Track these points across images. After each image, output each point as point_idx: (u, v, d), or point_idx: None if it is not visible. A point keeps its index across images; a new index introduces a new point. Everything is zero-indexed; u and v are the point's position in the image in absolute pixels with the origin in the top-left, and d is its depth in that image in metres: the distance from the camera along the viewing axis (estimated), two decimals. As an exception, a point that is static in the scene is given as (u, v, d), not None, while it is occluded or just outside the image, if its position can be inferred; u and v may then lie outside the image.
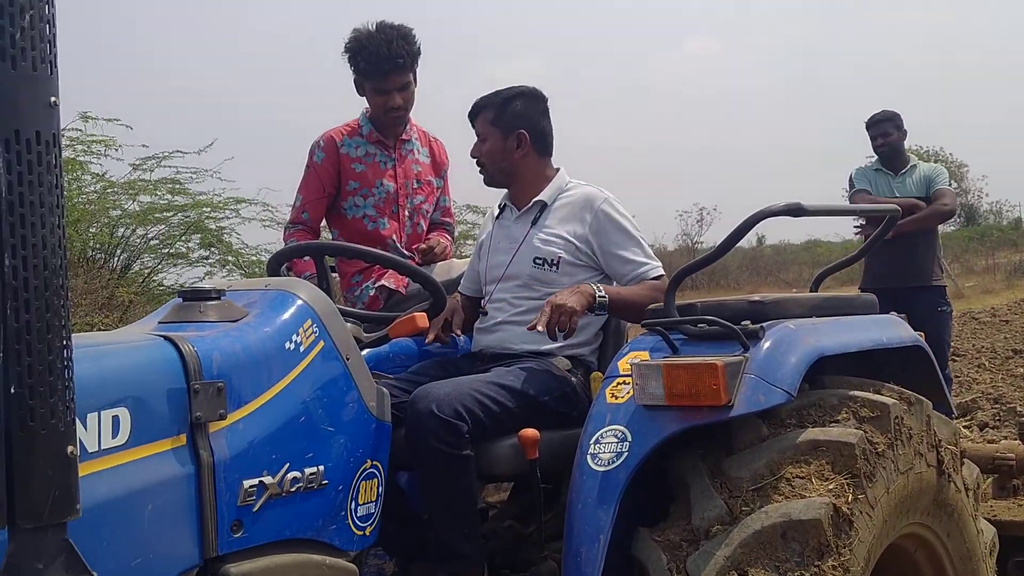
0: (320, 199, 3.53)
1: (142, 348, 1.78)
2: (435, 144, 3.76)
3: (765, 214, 2.23)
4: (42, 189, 1.34)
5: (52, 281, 1.34)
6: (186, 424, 1.74)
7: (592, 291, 2.65)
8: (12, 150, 1.31)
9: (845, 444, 2.12)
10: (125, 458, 1.63)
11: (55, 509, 1.33)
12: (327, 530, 2.01)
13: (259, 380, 1.90)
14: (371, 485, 2.14)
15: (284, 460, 1.90)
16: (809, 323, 2.34)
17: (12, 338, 1.31)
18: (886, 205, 2.77)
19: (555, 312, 2.53)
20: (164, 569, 1.66)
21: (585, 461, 2.21)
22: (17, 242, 1.31)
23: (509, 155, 2.92)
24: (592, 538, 2.11)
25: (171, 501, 1.69)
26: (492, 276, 2.96)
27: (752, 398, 2.11)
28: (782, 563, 1.98)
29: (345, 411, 2.08)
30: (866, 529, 2.10)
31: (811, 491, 2.05)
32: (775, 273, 18.91)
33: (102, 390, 1.62)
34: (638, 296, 2.73)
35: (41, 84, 1.34)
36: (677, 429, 2.15)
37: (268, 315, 2.02)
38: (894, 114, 5.70)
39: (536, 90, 3.00)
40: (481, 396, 2.41)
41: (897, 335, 2.57)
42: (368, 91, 3.49)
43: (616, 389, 2.29)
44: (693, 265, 2.58)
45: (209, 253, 11.64)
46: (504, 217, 3.04)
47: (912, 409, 2.36)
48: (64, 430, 1.34)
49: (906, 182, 5.61)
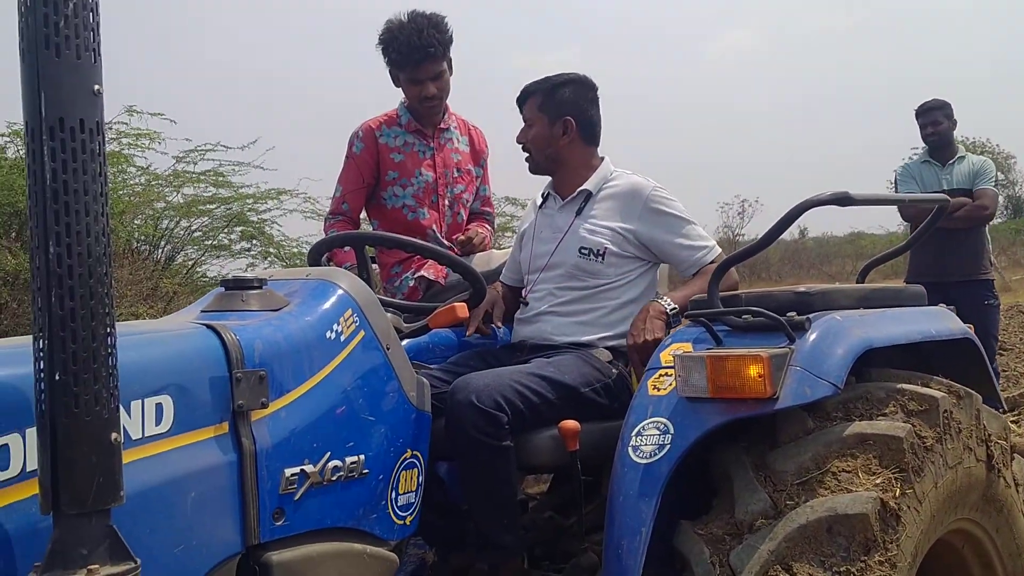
0: (359, 189, 3.53)
1: (185, 336, 1.79)
2: (474, 132, 3.76)
3: (812, 203, 2.19)
4: (86, 177, 1.34)
5: (96, 269, 1.35)
6: (228, 412, 1.75)
7: (662, 308, 2.64)
8: (56, 138, 1.32)
9: (893, 438, 2.07)
10: (168, 445, 1.63)
11: (99, 495, 1.34)
12: (368, 519, 2.01)
13: (300, 369, 1.90)
14: (411, 475, 2.13)
15: (325, 449, 1.90)
16: (856, 315, 2.29)
17: (57, 325, 1.31)
18: (936, 195, 2.70)
19: (643, 353, 2.51)
20: (206, 556, 1.67)
21: (627, 453, 2.19)
22: (61, 230, 1.32)
23: (555, 141, 2.91)
24: (634, 530, 2.09)
25: (213, 489, 1.69)
26: (535, 266, 2.94)
27: (798, 391, 2.07)
28: (827, 558, 1.95)
29: (385, 401, 2.08)
30: (914, 524, 2.05)
31: (858, 485, 2.01)
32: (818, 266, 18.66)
33: (146, 378, 1.63)
34: (703, 289, 2.70)
35: (85, 72, 1.34)
36: (720, 422, 2.12)
37: (309, 304, 2.02)
38: (945, 103, 5.60)
39: (586, 78, 2.97)
40: (521, 387, 2.40)
41: (946, 327, 2.52)
42: (403, 81, 3.49)
43: (658, 381, 2.27)
44: (737, 255, 2.54)
45: (251, 245, 11.77)
46: (547, 206, 3.01)
47: (961, 403, 2.30)
48: (108, 417, 1.35)
49: (954, 173, 5.50)
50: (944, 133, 5.56)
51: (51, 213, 1.32)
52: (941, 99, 5.61)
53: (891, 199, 3.86)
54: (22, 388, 1.45)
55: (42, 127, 1.31)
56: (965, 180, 5.45)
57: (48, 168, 1.32)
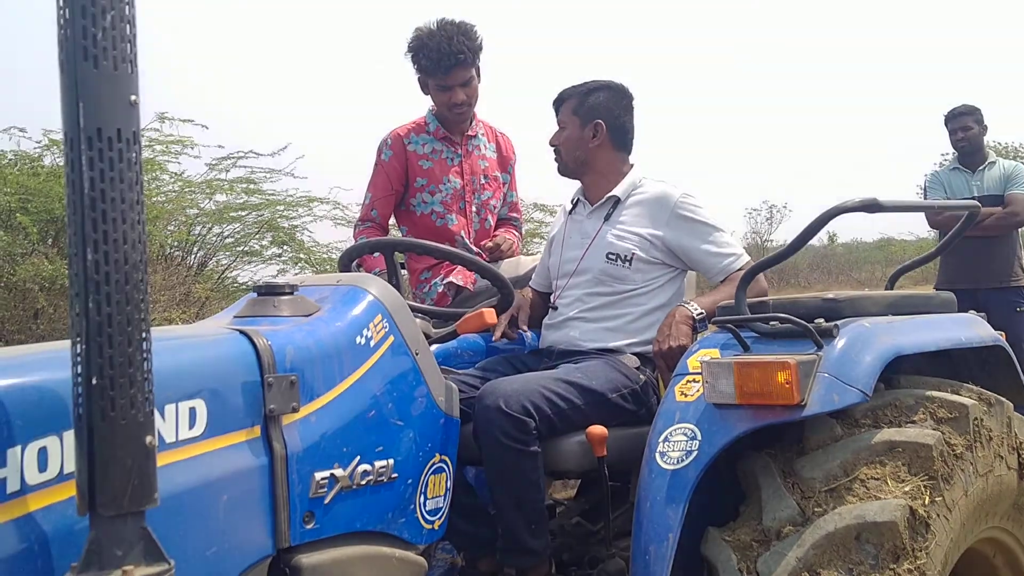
0: (388, 196, 3.56)
1: (218, 342, 1.81)
2: (501, 139, 3.78)
3: (841, 209, 2.18)
4: (123, 185, 1.37)
5: (132, 275, 1.37)
6: (260, 416, 1.77)
7: (688, 313, 2.64)
8: (94, 147, 1.35)
9: (922, 445, 2.06)
10: (201, 449, 1.66)
11: (134, 497, 1.36)
12: (396, 523, 2.03)
13: (331, 374, 1.92)
14: (440, 479, 2.15)
15: (355, 453, 1.92)
16: (885, 321, 2.28)
17: (94, 331, 1.34)
18: (966, 201, 2.68)
19: (669, 359, 2.53)
20: (238, 558, 1.69)
21: (654, 459, 2.19)
22: (99, 237, 1.35)
23: (584, 144, 2.93)
24: (661, 536, 2.10)
25: (245, 492, 1.71)
26: (564, 271, 2.95)
27: (826, 397, 2.06)
28: (856, 565, 1.94)
29: (414, 406, 2.10)
30: (943, 532, 2.04)
31: (886, 493, 2.01)
32: (847, 272, 18.48)
33: (179, 382, 1.65)
34: (730, 296, 2.70)
35: (122, 83, 1.37)
36: (748, 428, 2.11)
37: (340, 310, 2.04)
38: (974, 108, 5.55)
39: (622, 86, 2.99)
40: (549, 392, 2.41)
41: (976, 334, 2.50)
42: (432, 88, 3.51)
43: (686, 387, 2.27)
44: (765, 262, 2.54)
45: (282, 251, 11.88)
46: (577, 212, 3.03)
47: (992, 410, 2.29)
48: (143, 420, 1.37)
49: (984, 178, 5.45)
50: (974, 139, 5.51)
51: (89, 221, 1.35)
52: (971, 104, 5.56)
53: (921, 206, 3.82)
54: (60, 392, 1.48)
55: (80, 137, 1.35)
56: (996, 186, 5.40)
57: (86, 177, 1.35)
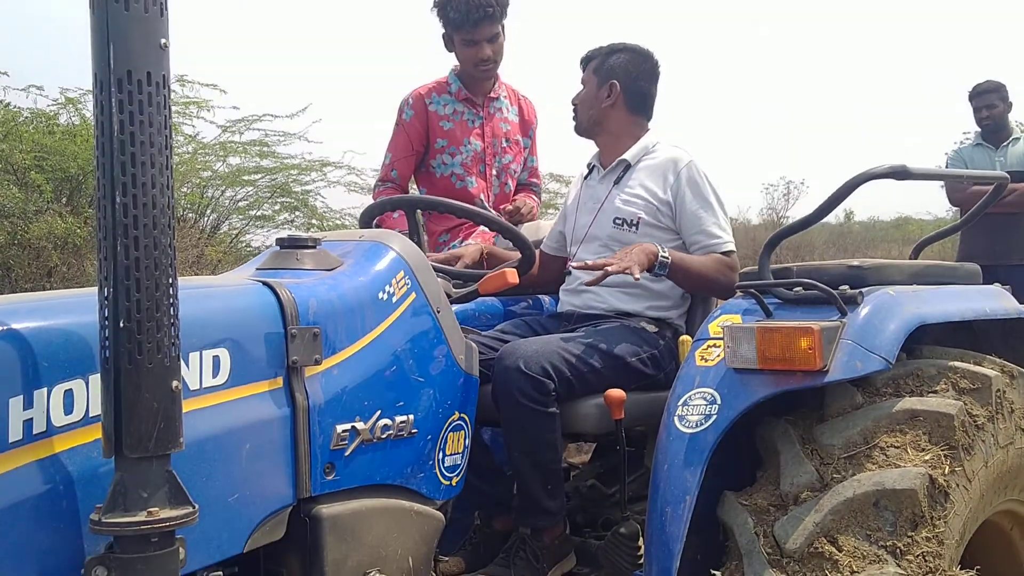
0: (409, 156, 3.54)
1: (242, 292, 1.81)
2: (524, 102, 3.75)
3: (869, 175, 2.16)
4: (152, 129, 1.37)
5: (160, 220, 1.37)
6: (283, 367, 1.77)
7: (655, 251, 2.61)
8: (124, 90, 1.34)
9: (943, 415, 2.06)
10: (224, 397, 1.66)
11: (160, 441, 1.37)
12: (415, 478, 2.03)
13: (353, 328, 1.92)
14: (458, 437, 2.15)
15: (376, 407, 1.93)
16: (909, 290, 2.27)
17: (122, 274, 1.35)
18: (996, 172, 2.65)
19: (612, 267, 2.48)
20: (260, 506, 1.70)
21: (672, 423, 2.19)
22: (128, 180, 1.34)
23: (598, 103, 2.90)
24: (678, 499, 2.10)
25: (267, 441, 1.72)
26: (576, 237, 2.93)
27: (848, 364, 2.05)
28: (874, 532, 1.94)
29: (435, 363, 2.10)
30: (962, 502, 2.04)
31: (906, 461, 2.00)
32: (863, 250, 18.32)
33: (204, 330, 1.65)
34: (703, 267, 2.68)
35: (152, 25, 1.36)
36: (769, 393, 2.11)
37: (362, 265, 2.04)
38: (1000, 85, 5.48)
39: (646, 50, 2.96)
40: (568, 355, 2.41)
41: (1002, 306, 2.48)
42: (457, 43, 3.48)
43: (706, 352, 2.26)
44: (789, 228, 2.51)
45: (294, 216, 11.89)
46: (591, 177, 3.01)
47: (1015, 382, 2.28)
48: (169, 365, 1.38)
49: (1008, 155, 5.40)
50: (999, 116, 5.46)
51: (118, 164, 1.34)
52: (996, 81, 5.50)
53: (949, 175, 3.79)
54: (86, 336, 1.48)
55: (110, 79, 1.34)
56: (1020, 162, 5.35)
57: (116, 120, 1.34)
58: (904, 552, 1.91)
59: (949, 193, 5.63)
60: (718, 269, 2.68)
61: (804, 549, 1.93)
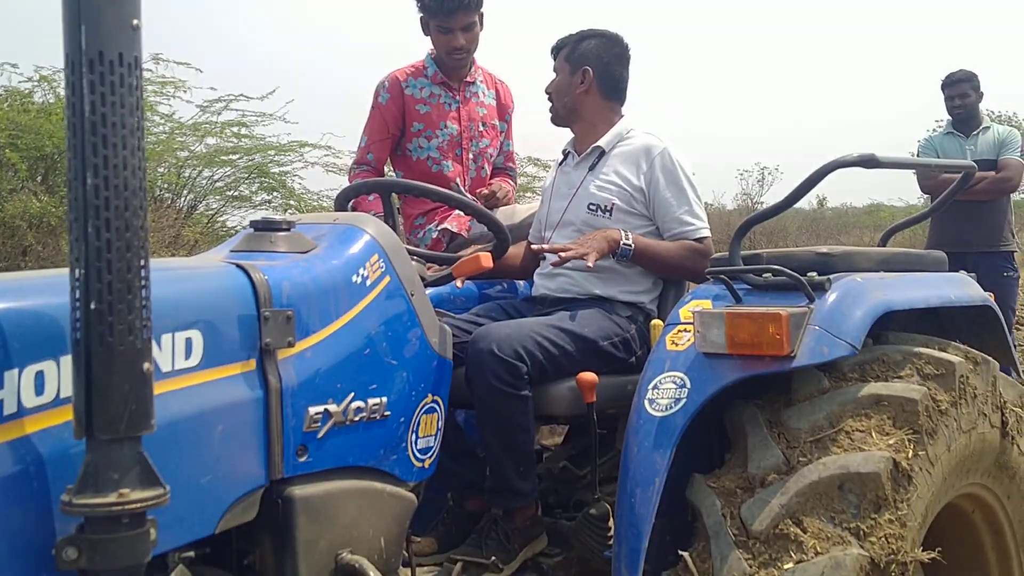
0: (385, 140, 3.55)
1: (215, 274, 1.81)
2: (500, 87, 3.75)
3: (839, 163, 2.18)
4: (124, 110, 1.36)
5: (132, 201, 1.37)
6: (256, 350, 1.77)
7: (618, 237, 2.63)
8: (95, 70, 1.33)
9: (908, 400, 2.09)
10: (197, 379, 1.66)
11: (131, 423, 1.37)
12: (388, 460, 2.05)
13: (326, 311, 1.93)
14: (431, 419, 2.17)
15: (349, 390, 1.94)
16: (877, 277, 2.30)
17: (93, 256, 1.34)
18: (963, 161, 2.69)
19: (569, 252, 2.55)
20: (231, 487, 1.70)
21: (643, 406, 2.21)
22: (99, 162, 1.34)
23: (572, 91, 2.92)
24: (648, 481, 2.12)
25: (240, 423, 1.72)
26: (550, 222, 2.95)
27: (815, 349, 2.08)
28: (838, 514, 1.97)
29: (408, 346, 2.11)
30: (925, 485, 2.08)
31: (871, 445, 2.03)
32: (835, 236, 18.47)
33: (176, 312, 1.65)
34: (670, 253, 2.71)
35: (124, 6, 1.36)
36: (737, 378, 2.13)
37: (336, 248, 2.04)
38: (972, 74, 5.54)
39: (616, 35, 2.98)
40: (541, 338, 2.43)
41: (966, 294, 2.52)
42: (432, 30, 3.48)
43: (676, 336, 2.29)
44: (759, 215, 2.54)
45: (271, 197, 11.81)
46: (566, 163, 3.03)
47: (978, 368, 2.32)
48: (140, 347, 1.38)
49: (978, 143, 5.46)
50: (971, 106, 5.51)
51: (89, 145, 1.34)
52: (969, 70, 5.55)
53: (918, 163, 3.83)
54: (57, 317, 1.48)
55: (82, 60, 1.33)
56: (990, 150, 5.41)
57: (87, 100, 1.34)
58: (867, 534, 1.95)
59: (920, 180, 5.69)
60: (687, 256, 2.71)
61: (770, 530, 1.96)
